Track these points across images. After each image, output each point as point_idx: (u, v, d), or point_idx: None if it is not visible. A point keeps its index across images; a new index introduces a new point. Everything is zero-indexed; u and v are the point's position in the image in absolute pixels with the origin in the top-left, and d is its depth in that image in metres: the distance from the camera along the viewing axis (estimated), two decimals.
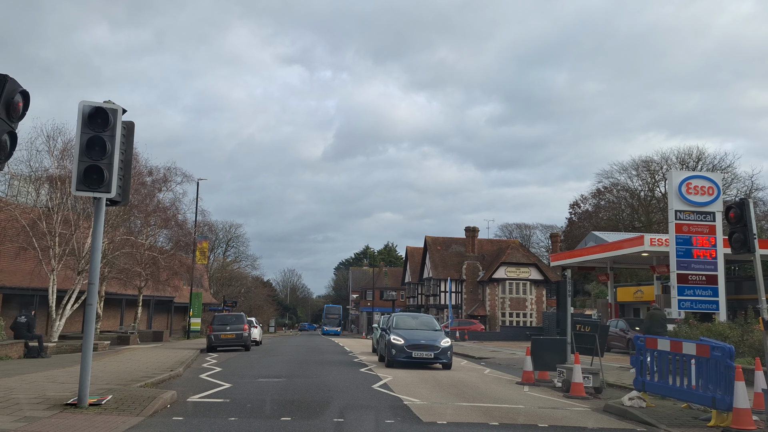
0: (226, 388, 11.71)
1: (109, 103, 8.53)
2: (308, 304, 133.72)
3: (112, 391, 9.78)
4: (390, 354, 17.13)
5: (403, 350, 16.83)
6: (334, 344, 34.11)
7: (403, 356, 16.75)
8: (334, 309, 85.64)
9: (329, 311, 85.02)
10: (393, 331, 17.89)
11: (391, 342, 17.26)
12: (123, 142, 8.85)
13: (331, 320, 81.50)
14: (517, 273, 59.71)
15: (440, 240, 66.60)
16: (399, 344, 17.00)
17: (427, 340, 17.06)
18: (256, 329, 33.39)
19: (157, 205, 31.34)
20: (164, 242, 35.35)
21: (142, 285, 35.14)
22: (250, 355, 23.20)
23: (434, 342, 17.04)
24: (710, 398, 8.68)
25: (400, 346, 16.92)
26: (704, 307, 20.32)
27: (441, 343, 17.06)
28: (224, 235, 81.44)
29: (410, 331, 17.92)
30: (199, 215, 37.96)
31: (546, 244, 79.24)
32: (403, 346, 16.84)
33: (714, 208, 20.93)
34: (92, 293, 8.60)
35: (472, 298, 60.49)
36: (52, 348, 22.67)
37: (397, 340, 17.16)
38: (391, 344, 17.21)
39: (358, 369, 16.88)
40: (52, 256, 24.65)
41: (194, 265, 39.20)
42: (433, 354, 16.79)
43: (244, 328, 26.26)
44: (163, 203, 33.62)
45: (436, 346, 16.88)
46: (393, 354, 16.96)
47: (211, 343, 25.80)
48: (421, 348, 16.81)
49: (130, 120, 9.09)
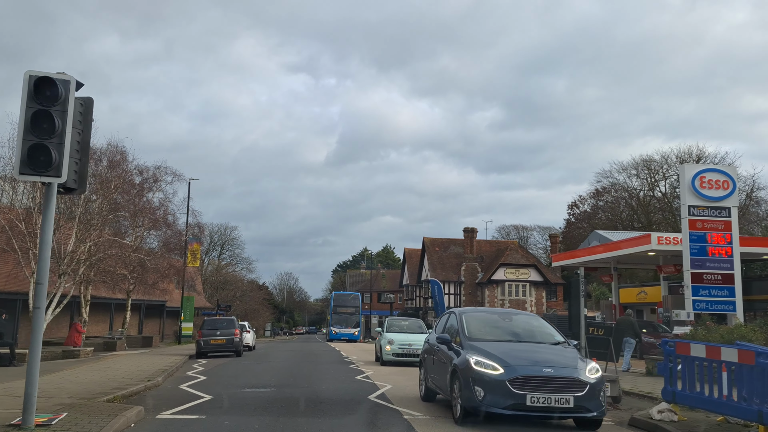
0: (205, 401, 10.52)
1: (61, 74, 7.37)
2: (305, 307, 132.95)
3: (71, 407, 8.60)
4: (470, 396, 8.21)
5: (504, 391, 8.00)
6: (330, 349, 32.92)
7: (508, 404, 7.97)
8: (348, 298, 55.63)
9: (341, 301, 54.71)
10: (471, 345, 8.94)
11: (474, 371, 8.26)
12: (80, 120, 7.69)
13: (343, 317, 52.43)
14: (517, 274, 58.61)
15: (438, 241, 65.47)
16: (495, 377, 8.09)
17: (553, 366, 8.29)
18: (249, 334, 32.18)
19: (145, 205, 30.13)
20: (153, 243, 34.15)
21: (130, 288, 33.94)
22: (240, 362, 22.01)
23: (567, 370, 8.26)
24: (756, 412, 7.54)
25: (497, 381, 8.06)
26: (720, 308, 19.20)
27: (582, 373, 8.27)
28: (219, 238, 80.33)
29: (509, 345, 9.03)
30: (191, 216, 36.72)
31: (544, 246, 78.32)
32: (506, 383, 8.01)
33: (729, 203, 19.81)
34: (40, 294, 7.43)
35: (471, 299, 59.30)
36: None
37: (491, 368, 8.20)
38: (473, 377, 8.22)
39: (354, 376, 15.71)
40: (32, 258, 23.45)
41: (185, 267, 37.94)
42: (572, 400, 7.98)
43: (235, 333, 25.06)
44: (152, 203, 32.47)
45: (573, 383, 8.11)
46: (478, 398, 8.10)
47: (200, 348, 24.59)
48: (547, 385, 8.03)
49: (89, 96, 7.94)
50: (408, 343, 19.77)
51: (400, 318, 26.09)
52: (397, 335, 20.53)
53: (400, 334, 20.66)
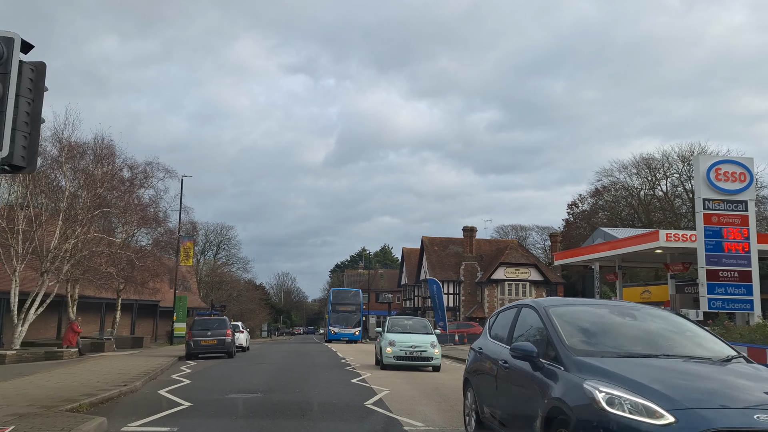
0: (182, 408, 9.48)
1: (3, 32, 6.33)
2: (303, 307, 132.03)
3: (24, 417, 7.55)
4: None
5: None
6: (326, 350, 31.90)
7: None
8: (348, 295, 52.04)
9: (339, 298, 50.85)
10: (584, 364, 5.04)
11: (608, 415, 4.31)
12: (29, 88, 6.63)
13: (343, 315, 49.09)
14: (517, 274, 57.59)
15: (437, 240, 64.43)
16: None
17: None
18: (243, 334, 31.11)
19: (133, 201, 29.07)
20: (144, 241, 33.09)
21: (120, 288, 32.87)
22: (231, 364, 20.96)
23: None
24: None
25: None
26: (737, 307, 18.20)
27: None
28: (215, 238, 79.27)
29: (655, 364, 5.09)
30: (183, 213, 35.64)
31: (543, 246, 77.38)
32: None
33: (746, 196, 18.79)
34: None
35: (471, 299, 58.29)
36: (12, 357, 20.37)
37: (644, 414, 4.23)
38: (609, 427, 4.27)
39: (350, 379, 14.67)
40: (14, 255, 22.40)
41: (178, 266, 36.88)
42: None
43: (227, 334, 23.99)
44: (143, 200, 31.41)
45: None
46: None
47: (190, 350, 23.54)
48: None
49: (41, 61, 6.89)
50: (411, 345, 18.06)
51: (402, 317, 23.76)
52: (400, 336, 18.57)
53: (402, 335, 18.69)
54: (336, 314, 49.37)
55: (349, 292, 53.33)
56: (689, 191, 59.34)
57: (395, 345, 18.17)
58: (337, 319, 48.92)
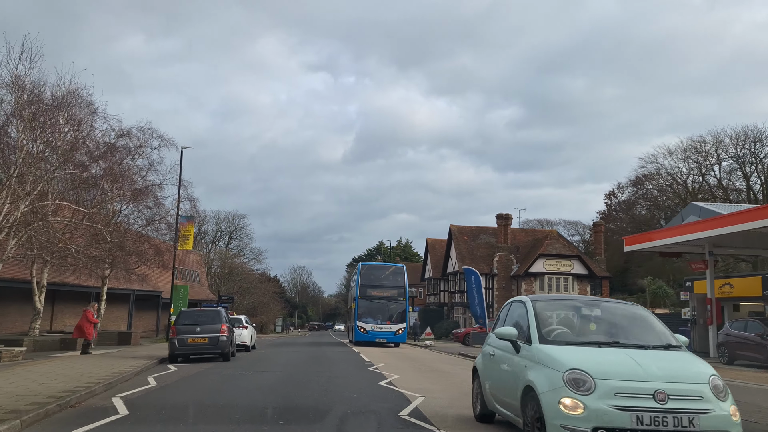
0: None
1: None
2: (319, 302, 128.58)
3: None
4: None
5: None
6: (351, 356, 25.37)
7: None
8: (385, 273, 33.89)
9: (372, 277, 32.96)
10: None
11: None
12: None
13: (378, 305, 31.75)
14: (558, 266, 51.83)
15: (467, 229, 58.77)
16: None
17: None
18: (246, 330, 25.92)
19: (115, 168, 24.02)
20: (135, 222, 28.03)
21: (105, 274, 27.91)
22: (223, 370, 15.80)
23: None
24: None
25: None
26: None
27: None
28: (227, 227, 74.64)
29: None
30: (182, 189, 30.48)
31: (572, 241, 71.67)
32: None
33: None
34: None
35: (506, 294, 52.48)
36: None
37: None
38: None
39: (397, 413, 9.31)
40: None
41: (176, 251, 31.82)
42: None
43: (221, 330, 18.77)
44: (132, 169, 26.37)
45: None
46: None
47: (174, 349, 18.43)
48: None
49: None
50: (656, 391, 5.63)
51: (567, 297, 9.55)
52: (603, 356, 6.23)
53: (607, 354, 6.29)
54: (367, 302, 31.81)
55: (386, 268, 34.77)
56: (748, 174, 53.25)
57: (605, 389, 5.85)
58: (369, 309, 31.64)
